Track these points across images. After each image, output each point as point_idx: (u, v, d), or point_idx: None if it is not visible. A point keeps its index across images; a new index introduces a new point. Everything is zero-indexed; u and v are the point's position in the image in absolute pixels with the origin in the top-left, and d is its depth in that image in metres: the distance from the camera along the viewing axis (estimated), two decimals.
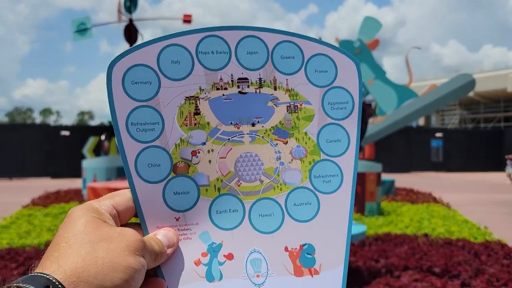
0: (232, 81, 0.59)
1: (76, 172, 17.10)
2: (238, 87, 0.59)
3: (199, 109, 0.58)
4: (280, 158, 0.60)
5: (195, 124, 0.58)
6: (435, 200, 10.72)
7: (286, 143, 0.61)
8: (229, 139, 0.59)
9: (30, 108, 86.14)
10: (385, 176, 14.11)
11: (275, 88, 0.61)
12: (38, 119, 77.02)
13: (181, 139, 0.57)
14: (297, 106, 0.62)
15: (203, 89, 0.58)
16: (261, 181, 0.60)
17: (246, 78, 0.60)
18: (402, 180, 17.70)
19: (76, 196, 11.39)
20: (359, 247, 5.54)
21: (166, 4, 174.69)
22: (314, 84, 0.62)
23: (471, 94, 34.93)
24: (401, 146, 24.54)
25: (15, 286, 0.43)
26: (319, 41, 0.63)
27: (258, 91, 0.60)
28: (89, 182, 10.44)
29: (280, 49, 0.61)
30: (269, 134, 0.60)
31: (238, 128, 0.59)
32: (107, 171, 10.95)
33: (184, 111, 0.57)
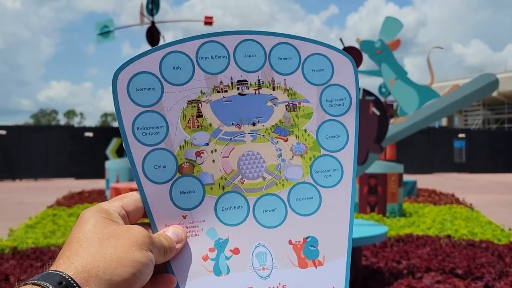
0: (232, 83, 0.61)
1: (99, 172, 17.28)
2: (238, 89, 0.61)
3: (201, 112, 0.60)
4: (281, 155, 0.62)
5: (198, 126, 0.60)
6: (458, 201, 10.57)
7: (286, 140, 0.62)
8: (231, 139, 0.61)
9: (55, 110, 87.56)
10: (407, 177, 13.97)
11: (273, 88, 0.62)
12: (62, 120, 78.31)
13: (185, 141, 0.59)
14: (295, 104, 0.63)
15: (204, 93, 0.60)
16: (264, 178, 0.61)
17: (245, 80, 0.61)
18: (424, 181, 17.49)
19: (99, 197, 11.51)
20: (381, 248, 5.51)
21: (187, 7, 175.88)
22: (311, 82, 0.64)
23: (494, 94, 34.34)
24: (423, 147, 24.22)
25: (31, 283, 0.46)
26: (315, 41, 0.64)
27: (257, 92, 0.62)
28: (112, 183, 10.57)
29: (277, 50, 0.63)
30: (270, 132, 0.62)
31: (240, 128, 0.61)
32: (129, 172, 11.04)
33: (187, 114, 0.59)
